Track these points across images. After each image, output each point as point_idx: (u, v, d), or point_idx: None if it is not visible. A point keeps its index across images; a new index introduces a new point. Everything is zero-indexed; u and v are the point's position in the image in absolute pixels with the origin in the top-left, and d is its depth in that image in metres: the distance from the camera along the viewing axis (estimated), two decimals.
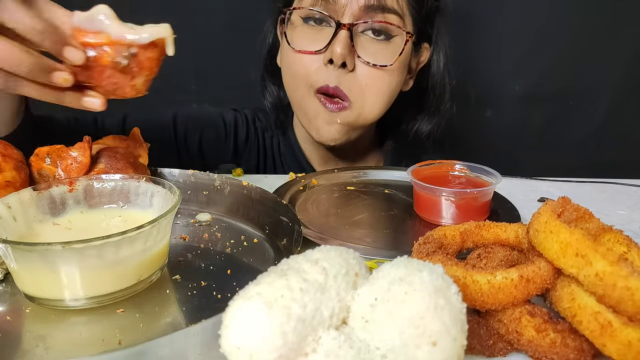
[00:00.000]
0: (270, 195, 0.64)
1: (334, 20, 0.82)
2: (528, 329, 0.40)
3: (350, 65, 0.83)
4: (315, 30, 0.85)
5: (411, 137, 1.04)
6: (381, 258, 0.57)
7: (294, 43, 0.87)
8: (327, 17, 0.83)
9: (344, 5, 0.82)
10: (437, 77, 0.98)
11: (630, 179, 0.94)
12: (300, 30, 0.87)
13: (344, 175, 0.88)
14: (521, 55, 1.38)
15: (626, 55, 1.36)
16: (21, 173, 0.56)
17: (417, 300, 0.32)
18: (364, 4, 0.81)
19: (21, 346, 0.42)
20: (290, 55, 0.88)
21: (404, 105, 0.99)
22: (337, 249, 0.37)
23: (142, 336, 0.43)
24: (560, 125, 1.44)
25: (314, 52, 0.84)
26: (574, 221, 0.47)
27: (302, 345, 0.32)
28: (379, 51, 0.85)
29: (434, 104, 1.01)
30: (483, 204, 0.69)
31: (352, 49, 0.83)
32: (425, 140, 1.04)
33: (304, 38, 0.86)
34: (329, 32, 0.83)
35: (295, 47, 0.86)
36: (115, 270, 0.45)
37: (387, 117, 0.94)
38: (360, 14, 0.82)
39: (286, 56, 0.91)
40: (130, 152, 0.62)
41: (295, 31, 0.87)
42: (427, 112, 1.03)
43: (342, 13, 0.82)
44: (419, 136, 1.03)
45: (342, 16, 0.82)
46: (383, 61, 0.85)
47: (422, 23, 0.91)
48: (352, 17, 0.82)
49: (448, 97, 1.01)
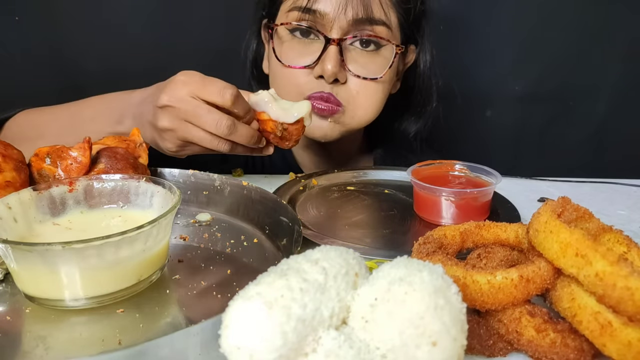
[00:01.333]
0: (270, 195, 0.64)
1: (323, 35, 0.82)
2: (528, 329, 0.40)
3: (342, 78, 0.84)
4: (304, 44, 0.85)
5: (399, 138, 1.05)
6: (381, 258, 0.57)
7: (283, 58, 0.86)
8: (315, 32, 0.83)
9: (332, 20, 0.81)
10: (424, 78, 0.99)
11: (630, 179, 0.94)
12: (289, 44, 0.86)
13: (344, 175, 0.88)
14: (521, 55, 1.38)
15: (625, 54, 1.36)
16: (21, 173, 0.56)
17: (417, 300, 0.32)
18: (352, 18, 0.81)
19: (21, 346, 0.42)
20: (278, 69, 0.88)
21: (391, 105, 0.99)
22: (337, 249, 0.37)
23: (142, 336, 0.43)
24: (560, 125, 1.44)
25: (304, 67, 0.84)
26: (574, 221, 0.47)
27: (302, 345, 0.32)
28: (368, 63, 0.85)
29: (421, 104, 1.02)
30: (483, 204, 0.69)
31: (342, 63, 0.83)
32: (413, 140, 1.04)
33: (292, 52, 0.86)
34: (317, 45, 0.83)
35: (285, 62, 0.86)
36: (115, 270, 0.45)
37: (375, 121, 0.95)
38: (348, 27, 0.82)
39: (274, 68, 0.90)
40: (130, 152, 0.62)
41: (284, 46, 0.87)
42: (413, 112, 1.03)
43: (330, 27, 0.82)
44: (406, 136, 1.04)
45: (330, 30, 0.82)
46: (373, 73, 0.85)
47: (409, 28, 0.91)
48: (340, 31, 0.82)
49: (434, 97, 1.02)
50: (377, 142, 1.10)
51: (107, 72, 1.31)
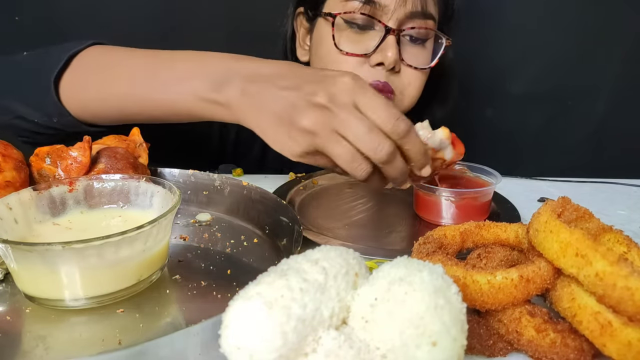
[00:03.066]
0: (270, 195, 0.64)
1: (383, 25, 0.83)
2: (528, 329, 0.40)
3: (398, 68, 0.86)
4: (359, 34, 0.87)
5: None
6: (381, 258, 0.57)
7: (341, 45, 0.87)
8: (376, 22, 0.84)
9: (392, 11, 0.83)
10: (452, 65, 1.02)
11: (630, 179, 0.94)
12: (347, 34, 0.88)
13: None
14: (521, 55, 1.38)
15: (625, 54, 1.36)
16: (21, 173, 0.56)
17: (417, 300, 0.32)
18: (410, 10, 0.83)
19: (21, 346, 0.42)
20: (334, 56, 0.89)
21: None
22: (337, 249, 0.37)
23: (142, 336, 0.43)
24: (559, 125, 1.44)
25: (362, 55, 0.85)
26: (574, 221, 0.47)
27: (302, 345, 0.32)
28: (418, 54, 0.88)
29: (447, 91, 1.04)
30: (483, 204, 0.69)
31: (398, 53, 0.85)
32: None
33: (349, 41, 0.87)
34: (373, 35, 0.85)
35: (343, 49, 0.87)
36: (115, 270, 0.45)
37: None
38: (404, 19, 0.84)
39: (326, 56, 0.91)
40: (130, 152, 0.62)
41: (342, 35, 0.88)
42: (440, 98, 1.05)
43: (388, 19, 0.84)
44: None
45: (388, 21, 0.84)
46: (422, 64, 0.88)
47: (445, 17, 0.94)
48: (397, 23, 0.84)
49: (457, 83, 1.05)
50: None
51: None
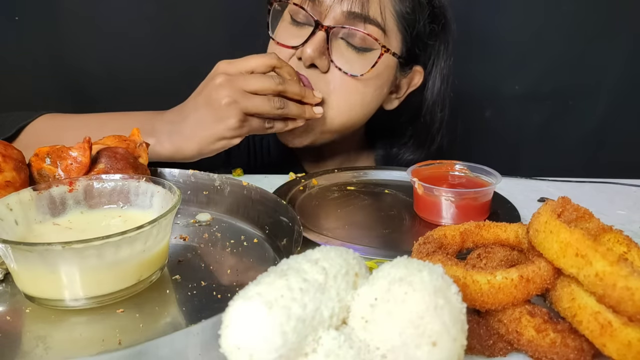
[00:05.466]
0: (270, 195, 0.64)
1: (314, 19, 0.82)
2: (528, 329, 0.40)
3: (323, 67, 0.84)
4: (299, 28, 0.86)
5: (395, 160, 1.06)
6: (381, 258, 0.57)
7: (277, 35, 0.88)
8: (309, 16, 0.83)
9: (327, 8, 0.82)
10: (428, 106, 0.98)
11: (630, 179, 0.94)
12: (286, 25, 0.88)
13: (344, 175, 0.88)
14: (521, 55, 1.38)
15: (625, 54, 1.36)
16: (21, 173, 0.56)
17: (417, 300, 0.32)
18: (347, 10, 0.81)
19: (21, 346, 0.42)
20: (272, 44, 0.90)
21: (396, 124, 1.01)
22: (337, 249, 0.37)
23: (142, 336, 0.43)
24: (560, 125, 1.44)
25: (290, 47, 0.85)
26: (574, 221, 0.47)
27: (302, 345, 0.32)
28: (354, 60, 0.84)
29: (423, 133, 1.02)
30: (483, 204, 0.69)
31: (326, 51, 0.83)
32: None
33: (286, 32, 0.88)
34: (309, 30, 0.84)
35: (276, 38, 0.88)
36: (115, 270, 0.45)
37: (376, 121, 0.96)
38: (342, 19, 0.82)
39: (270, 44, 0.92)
40: (130, 152, 0.62)
41: (281, 25, 0.89)
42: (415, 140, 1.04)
43: (324, 15, 0.83)
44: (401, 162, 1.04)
45: (324, 18, 0.83)
46: (355, 71, 0.84)
47: (412, 44, 0.90)
48: (333, 21, 0.82)
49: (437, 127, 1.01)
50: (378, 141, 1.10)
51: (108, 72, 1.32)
